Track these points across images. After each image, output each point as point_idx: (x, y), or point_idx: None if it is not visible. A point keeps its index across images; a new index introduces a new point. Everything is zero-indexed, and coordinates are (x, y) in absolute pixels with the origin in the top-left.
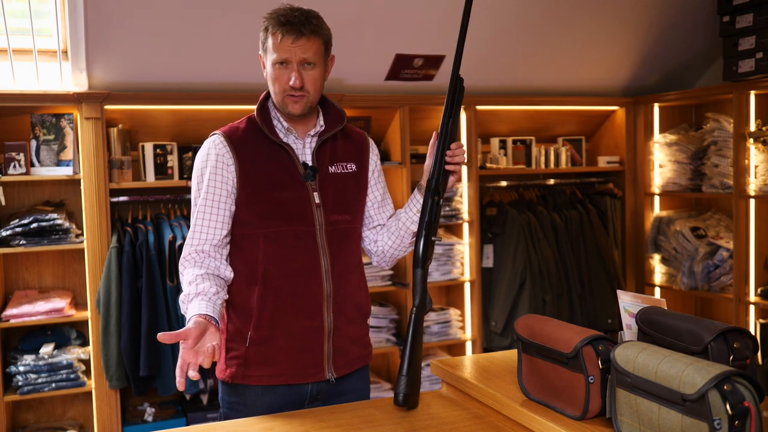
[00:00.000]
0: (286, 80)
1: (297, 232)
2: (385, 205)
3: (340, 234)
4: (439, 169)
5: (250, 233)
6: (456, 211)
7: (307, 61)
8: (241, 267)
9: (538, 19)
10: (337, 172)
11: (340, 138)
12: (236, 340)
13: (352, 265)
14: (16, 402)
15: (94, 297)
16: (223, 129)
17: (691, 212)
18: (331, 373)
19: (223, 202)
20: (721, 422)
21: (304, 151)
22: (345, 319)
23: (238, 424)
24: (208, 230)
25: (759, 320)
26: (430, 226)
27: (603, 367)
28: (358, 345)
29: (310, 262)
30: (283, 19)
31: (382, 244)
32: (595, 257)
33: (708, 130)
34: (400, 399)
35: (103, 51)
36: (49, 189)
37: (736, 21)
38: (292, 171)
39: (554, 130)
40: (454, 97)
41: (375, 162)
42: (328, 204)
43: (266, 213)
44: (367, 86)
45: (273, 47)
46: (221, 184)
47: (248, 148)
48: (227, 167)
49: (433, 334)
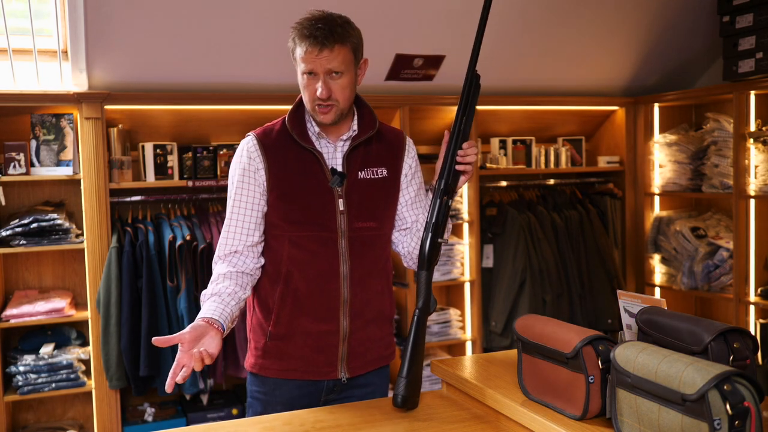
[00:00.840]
0: (314, 90)
1: (319, 237)
2: (418, 206)
3: (364, 240)
4: (449, 168)
5: (278, 234)
6: (456, 211)
7: (334, 71)
8: (268, 265)
9: (538, 19)
10: (367, 178)
11: (375, 141)
12: (258, 332)
13: (374, 271)
14: (16, 402)
15: (94, 297)
16: (257, 130)
17: (691, 212)
18: (344, 373)
19: (256, 204)
20: (721, 422)
21: (335, 155)
22: (362, 322)
23: (238, 424)
24: (240, 231)
25: (759, 320)
26: (437, 227)
27: (603, 367)
28: (378, 345)
29: (329, 268)
30: (306, 32)
31: (408, 245)
32: (595, 257)
33: (708, 130)
34: (399, 401)
35: (103, 51)
36: (49, 189)
37: (736, 21)
38: (320, 177)
39: (554, 130)
40: (469, 93)
41: (410, 164)
42: (353, 211)
43: (291, 218)
44: (367, 86)
45: (300, 58)
46: (253, 186)
47: (279, 152)
48: (258, 171)
49: (433, 334)
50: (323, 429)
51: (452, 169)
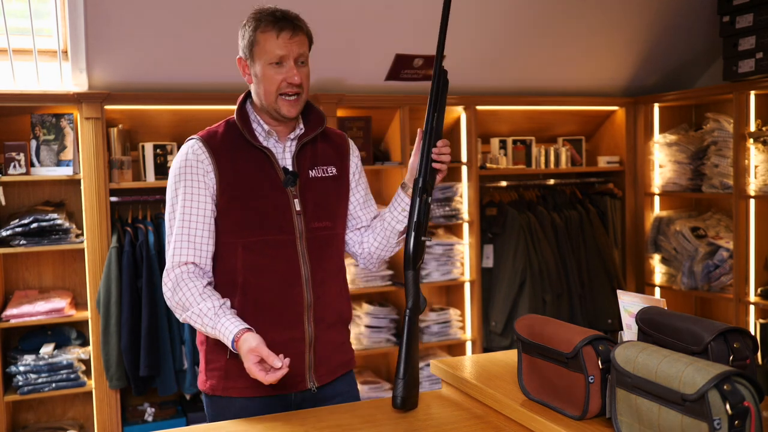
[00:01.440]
0: (281, 79)
1: (276, 241)
2: (369, 205)
3: (321, 241)
4: (425, 167)
5: (229, 242)
6: (456, 211)
7: (302, 58)
8: (220, 277)
9: (538, 20)
10: (318, 176)
11: (321, 141)
12: (215, 350)
13: (333, 273)
14: (16, 402)
15: (94, 297)
16: (201, 133)
17: (691, 212)
18: (313, 382)
19: (208, 210)
20: (721, 422)
21: (284, 156)
22: (325, 326)
23: (237, 424)
24: (195, 241)
25: (759, 320)
26: (419, 226)
27: (603, 367)
28: (339, 352)
29: (290, 272)
30: (279, 14)
31: (368, 246)
32: (595, 257)
33: (708, 130)
34: (399, 402)
35: (103, 51)
36: (49, 189)
37: (736, 21)
38: (273, 177)
39: (554, 130)
40: (438, 91)
41: (356, 164)
42: (309, 210)
43: (245, 222)
44: (367, 86)
45: (268, 46)
46: (204, 191)
47: (228, 154)
48: (207, 174)
49: (433, 334)
50: (323, 429)
51: (429, 168)
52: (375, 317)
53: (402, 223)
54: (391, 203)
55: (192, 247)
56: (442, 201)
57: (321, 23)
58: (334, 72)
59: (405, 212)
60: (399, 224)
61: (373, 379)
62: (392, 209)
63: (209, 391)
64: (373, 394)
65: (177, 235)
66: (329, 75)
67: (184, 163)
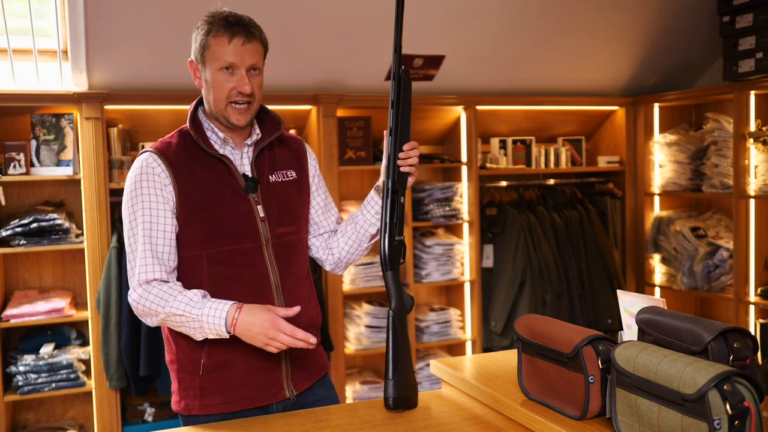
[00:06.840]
0: (231, 87)
1: (243, 249)
2: (329, 210)
3: (288, 247)
4: (393, 169)
5: (192, 255)
6: (456, 211)
7: (254, 67)
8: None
9: (538, 20)
10: (278, 180)
11: (277, 146)
12: (187, 368)
13: (301, 278)
14: (16, 402)
15: (94, 297)
16: (154, 145)
17: (691, 212)
18: (291, 391)
19: (169, 224)
20: (721, 422)
21: (242, 162)
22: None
23: (238, 424)
24: (162, 258)
25: (759, 320)
26: (392, 227)
27: (603, 367)
28: (314, 356)
29: (259, 280)
30: (232, 19)
31: (338, 251)
32: (595, 257)
33: (708, 130)
34: (390, 403)
35: (103, 51)
36: (49, 189)
37: (736, 21)
38: (233, 184)
39: (554, 130)
40: (398, 92)
41: (314, 167)
42: (273, 216)
43: (209, 232)
44: (367, 86)
45: (219, 51)
46: (163, 204)
47: (184, 164)
48: (164, 187)
49: (433, 334)
50: (323, 429)
51: (396, 169)
52: (375, 317)
53: (375, 226)
54: (362, 205)
55: (158, 263)
56: (442, 201)
57: (321, 23)
58: (334, 72)
59: (378, 215)
60: (372, 227)
61: (373, 379)
62: (364, 212)
63: (184, 412)
64: (373, 394)
65: (141, 252)
66: (329, 75)
67: (140, 177)
